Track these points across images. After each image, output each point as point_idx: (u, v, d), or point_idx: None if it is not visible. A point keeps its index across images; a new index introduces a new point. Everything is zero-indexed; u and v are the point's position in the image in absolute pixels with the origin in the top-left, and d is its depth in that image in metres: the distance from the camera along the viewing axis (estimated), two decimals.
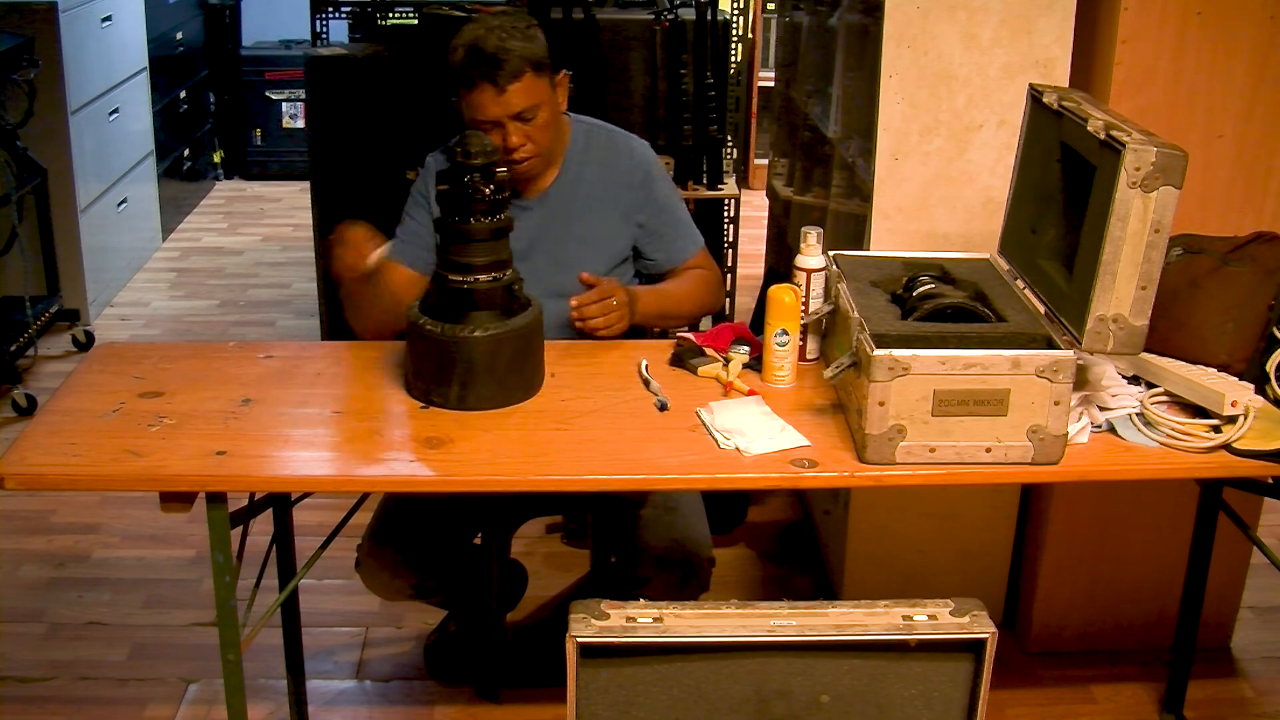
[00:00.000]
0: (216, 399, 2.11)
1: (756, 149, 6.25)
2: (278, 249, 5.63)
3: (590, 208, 2.50)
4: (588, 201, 2.50)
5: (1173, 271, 2.13)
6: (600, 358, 2.30)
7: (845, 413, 2.07)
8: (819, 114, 3.40)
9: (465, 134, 2.10)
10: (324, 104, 4.06)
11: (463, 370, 2.06)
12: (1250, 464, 1.97)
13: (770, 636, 1.38)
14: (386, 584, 2.51)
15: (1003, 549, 2.95)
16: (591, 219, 2.50)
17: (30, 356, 4.31)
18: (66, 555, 3.28)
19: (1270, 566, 2.36)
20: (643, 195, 2.52)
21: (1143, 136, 1.87)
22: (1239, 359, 2.12)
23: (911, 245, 2.59)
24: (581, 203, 2.50)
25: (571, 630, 1.36)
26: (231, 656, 1.99)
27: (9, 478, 1.89)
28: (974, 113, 2.55)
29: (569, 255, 2.45)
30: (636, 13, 3.85)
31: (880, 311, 2.06)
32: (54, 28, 4.39)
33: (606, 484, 2.00)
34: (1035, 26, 2.50)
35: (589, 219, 2.50)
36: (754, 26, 6.02)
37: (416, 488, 2.41)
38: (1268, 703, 2.82)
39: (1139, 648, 2.93)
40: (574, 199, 2.50)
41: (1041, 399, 1.90)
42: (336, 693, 2.79)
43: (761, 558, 3.34)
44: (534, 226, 2.44)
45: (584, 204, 2.50)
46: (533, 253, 2.40)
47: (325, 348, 2.37)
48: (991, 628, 1.39)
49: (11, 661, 2.80)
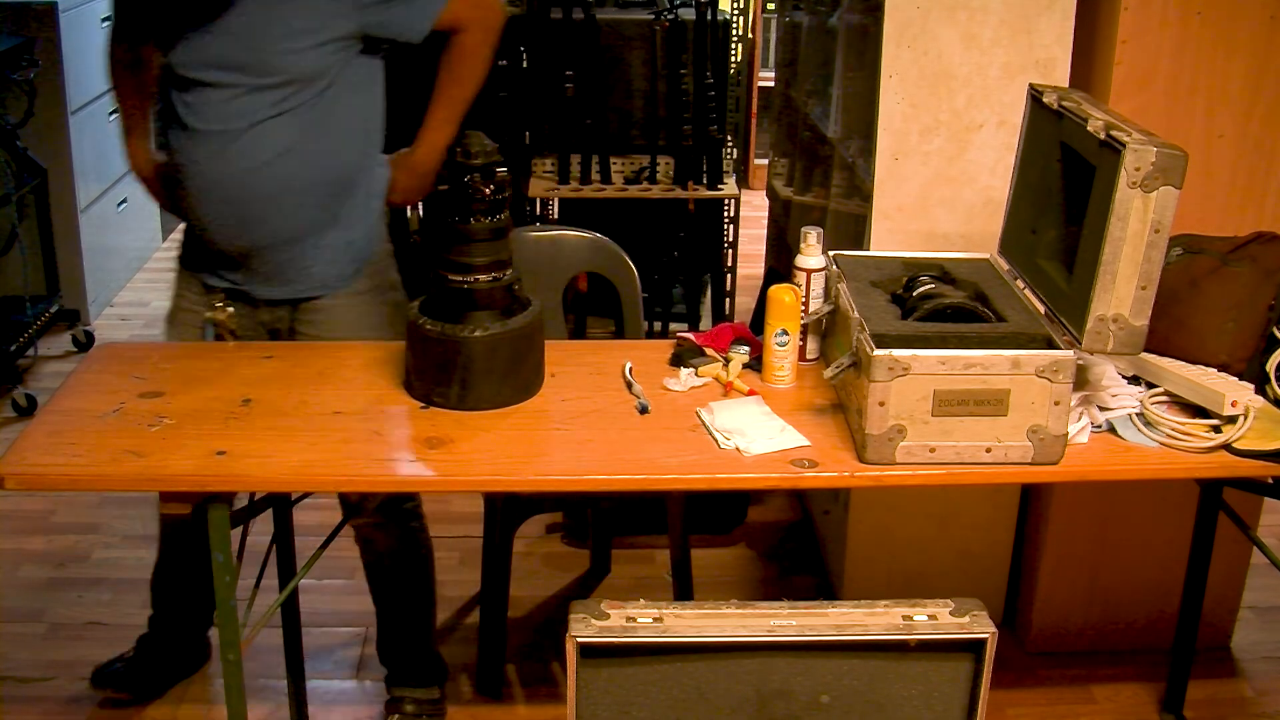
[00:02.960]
0: (216, 399, 2.10)
1: (756, 149, 6.25)
2: None
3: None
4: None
5: (1173, 271, 2.13)
6: (600, 358, 2.30)
7: (845, 413, 2.07)
8: (819, 114, 3.40)
9: (465, 134, 2.10)
10: None
11: (463, 370, 2.06)
12: (1250, 464, 1.97)
13: (770, 636, 1.38)
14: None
15: (1003, 549, 2.95)
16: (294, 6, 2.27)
17: (30, 356, 4.31)
18: (66, 555, 3.28)
19: (1270, 566, 2.36)
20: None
21: (1143, 136, 1.87)
22: (1239, 359, 2.12)
23: (911, 245, 2.59)
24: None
25: (571, 630, 1.36)
26: (231, 656, 1.99)
27: (9, 478, 1.89)
28: (974, 113, 2.55)
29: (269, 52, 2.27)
30: (636, 13, 3.85)
31: (880, 311, 2.06)
32: (54, 28, 4.39)
33: (606, 484, 2.00)
34: (1035, 26, 2.50)
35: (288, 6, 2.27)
36: (754, 26, 6.02)
37: (416, 487, 2.42)
38: (1268, 703, 2.82)
39: (1139, 648, 2.93)
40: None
41: (1041, 399, 1.90)
42: (336, 693, 2.79)
43: (761, 558, 3.34)
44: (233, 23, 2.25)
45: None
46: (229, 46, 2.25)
47: (325, 348, 2.36)
48: (991, 628, 1.39)
49: (11, 661, 2.80)
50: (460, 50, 2.45)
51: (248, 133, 2.27)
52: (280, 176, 2.31)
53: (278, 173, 2.30)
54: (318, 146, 2.33)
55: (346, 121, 2.37)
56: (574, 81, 3.75)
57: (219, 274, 2.42)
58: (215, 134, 2.28)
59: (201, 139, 2.29)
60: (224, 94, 2.27)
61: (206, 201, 2.34)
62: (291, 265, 2.39)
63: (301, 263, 2.39)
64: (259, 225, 2.33)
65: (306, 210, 2.35)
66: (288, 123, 2.29)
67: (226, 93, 2.26)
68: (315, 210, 2.36)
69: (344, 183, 2.40)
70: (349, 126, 2.38)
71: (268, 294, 2.42)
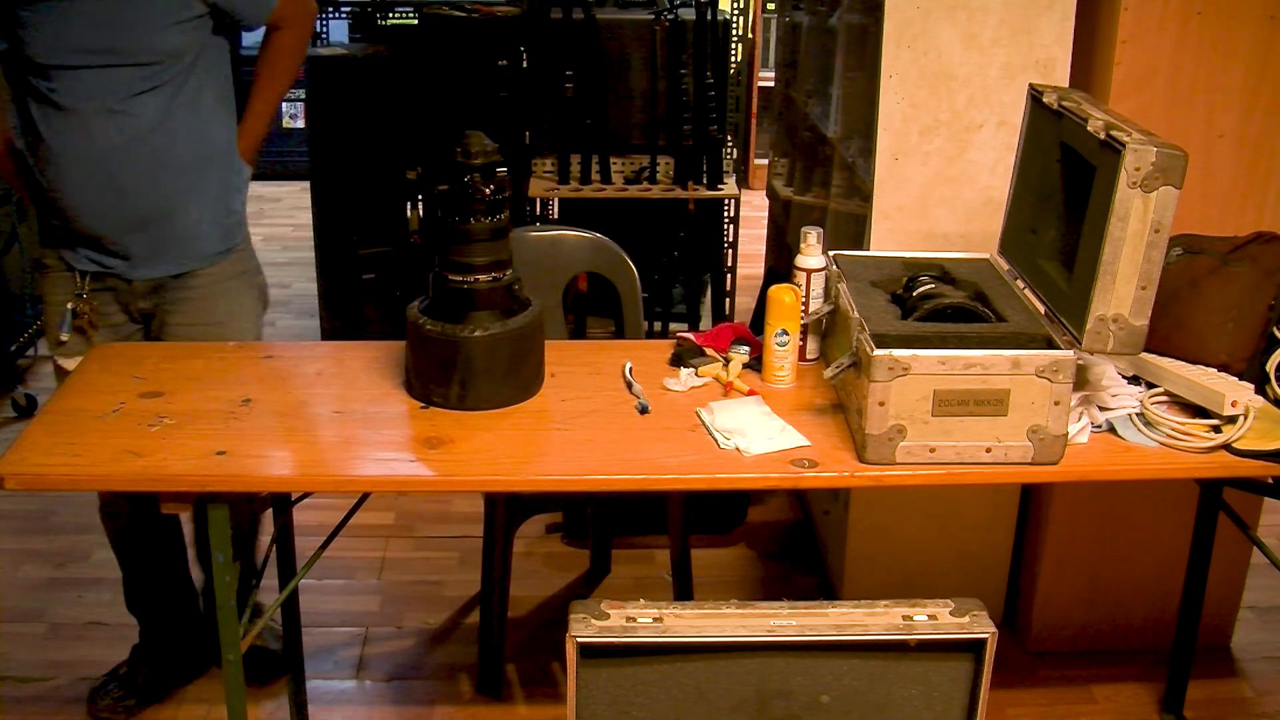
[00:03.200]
0: (216, 399, 2.11)
1: (756, 149, 6.26)
2: (278, 249, 5.63)
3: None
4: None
5: (1173, 271, 2.13)
6: (600, 358, 2.30)
7: (845, 413, 2.07)
8: (819, 114, 3.41)
9: (465, 134, 2.10)
10: (324, 104, 4.07)
11: (463, 370, 2.06)
12: (1250, 464, 1.97)
13: (770, 636, 1.38)
14: None
15: (1003, 549, 2.95)
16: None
17: (30, 356, 4.31)
18: (66, 555, 3.28)
19: (1270, 566, 2.36)
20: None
21: (1143, 136, 1.87)
22: (1239, 359, 2.12)
23: (911, 245, 2.59)
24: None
25: (571, 630, 1.36)
26: (231, 656, 1.99)
27: (9, 478, 1.89)
28: (974, 113, 2.55)
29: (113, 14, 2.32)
30: (636, 13, 3.85)
31: (880, 311, 2.06)
32: None
33: (606, 484, 2.00)
34: (1035, 26, 2.50)
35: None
36: (754, 26, 6.03)
37: (417, 488, 2.40)
38: (1268, 703, 2.82)
39: (1139, 648, 2.93)
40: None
41: (1041, 399, 1.90)
42: (336, 693, 2.79)
43: (761, 558, 3.34)
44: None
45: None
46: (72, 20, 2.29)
47: (325, 348, 2.37)
48: (991, 628, 1.39)
49: (11, 661, 2.80)
50: (280, 47, 2.57)
51: (122, 108, 2.33)
52: (155, 150, 2.37)
53: (153, 146, 2.37)
54: (188, 120, 2.41)
55: (211, 97, 2.47)
56: (574, 81, 3.75)
57: (90, 259, 2.44)
58: (90, 111, 2.33)
59: (75, 117, 2.33)
60: (97, 74, 2.31)
61: (80, 180, 2.36)
62: (164, 241, 2.44)
63: (174, 237, 2.44)
64: (135, 200, 2.39)
65: (179, 183, 2.42)
66: (159, 97, 2.36)
67: (99, 73, 2.31)
68: (187, 183, 2.43)
69: (212, 156, 2.48)
70: (213, 102, 2.48)
71: (142, 273, 2.45)
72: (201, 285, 2.50)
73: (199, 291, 2.50)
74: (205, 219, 2.48)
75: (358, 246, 4.18)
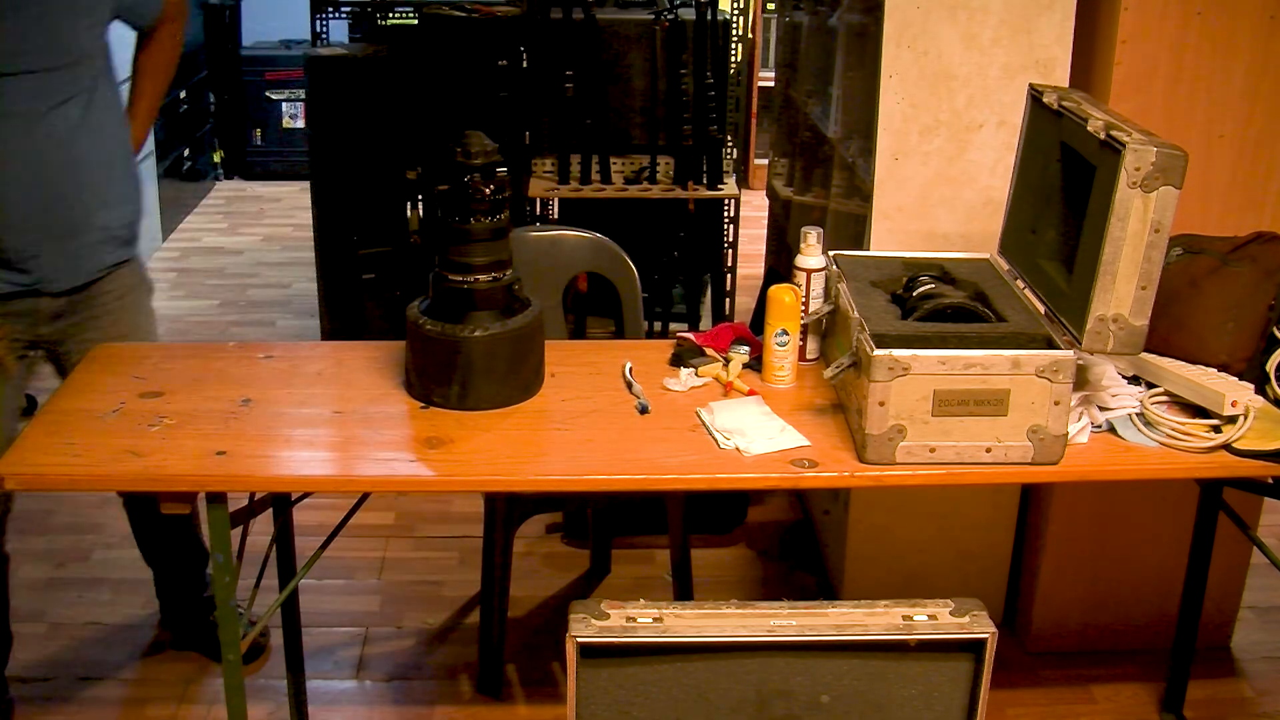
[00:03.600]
0: (216, 399, 2.11)
1: (756, 149, 6.26)
2: (278, 249, 5.63)
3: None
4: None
5: (1173, 271, 2.13)
6: (600, 358, 2.30)
7: (845, 413, 2.07)
8: (819, 114, 3.40)
9: (465, 134, 2.10)
10: (324, 104, 4.07)
11: (463, 370, 2.06)
12: (1250, 464, 1.97)
13: (770, 636, 1.38)
14: None
15: (1003, 549, 2.95)
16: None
17: None
18: (66, 555, 3.28)
19: (1270, 566, 2.36)
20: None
21: (1143, 136, 1.87)
22: (1239, 359, 2.12)
23: (911, 245, 2.59)
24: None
25: (571, 630, 1.36)
26: (231, 656, 1.99)
27: (9, 478, 1.89)
28: (974, 113, 2.55)
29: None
30: (636, 13, 3.85)
31: (880, 311, 2.06)
32: None
33: (606, 484, 2.00)
34: (1035, 26, 2.50)
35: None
36: (754, 26, 6.02)
37: (417, 488, 2.41)
38: (1268, 703, 2.82)
39: (1139, 648, 2.93)
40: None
41: (1041, 399, 1.90)
42: (336, 693, 2.79)
43: (761, 558, 3.34)
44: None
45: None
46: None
47: (325, 348, 2.36)
48: (991, 628, 1.39)
49: (12, 661, 2.79)
50: (162, 43, 2.63)
51: (50, 113, 2.36)
52: (77, 153, 2.41)
53: (75, 150, 2.40)
54: (100, 122, 2.44)
55: (114, 101, 2.51)
56: (574, 81, 3.75)
57: (4, 279, 2.43)
58: (20, 115, 2.35)
59: (3, 122, 2.35)
60: (27, 80, 2.33)
61: (7, 183, 2.37)
62: (81, 246, 2.46)
63: (88, 240, 2.47)
64: (58, 204, 2.41)
65: (97, 186, 2.45)
66: (78, 101, 2.40)
67: (28, 79, 2.33)
68: (103, 186, 2.47)
69: (120, 157, 2.53)
70: (116, 107, 2.52)
71: (59, 284, 2.46)
72: (106, 302, 2.53)
73: (103, 308, 2.53)
74: (113, 225, 2.52)
75: (358, 246, 4.18)
